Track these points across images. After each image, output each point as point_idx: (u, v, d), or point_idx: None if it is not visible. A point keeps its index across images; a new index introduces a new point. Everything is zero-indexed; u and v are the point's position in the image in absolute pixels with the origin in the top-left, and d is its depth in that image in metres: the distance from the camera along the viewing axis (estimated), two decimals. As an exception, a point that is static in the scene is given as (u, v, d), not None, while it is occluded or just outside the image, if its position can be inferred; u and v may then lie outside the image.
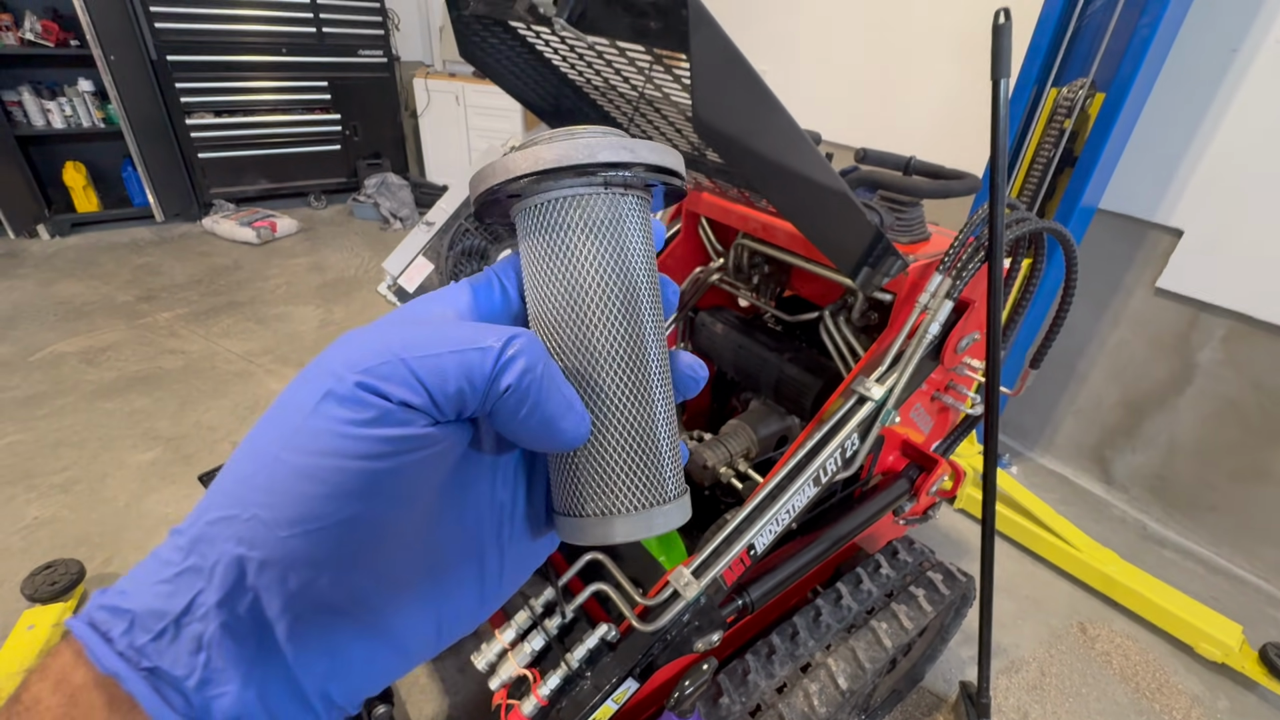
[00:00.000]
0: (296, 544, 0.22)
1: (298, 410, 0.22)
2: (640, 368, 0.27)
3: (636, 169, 0.27)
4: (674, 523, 0.28)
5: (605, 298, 0.26)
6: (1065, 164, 1.68)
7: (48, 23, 3.35)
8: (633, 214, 0.28)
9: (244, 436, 0.24)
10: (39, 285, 3.08)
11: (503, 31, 0.95)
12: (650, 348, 0.27)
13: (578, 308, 0.27)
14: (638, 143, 0.27)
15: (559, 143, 0.26)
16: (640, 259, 0.27)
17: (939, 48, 2.23)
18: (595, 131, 0.27)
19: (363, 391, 0.22)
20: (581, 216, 0.27)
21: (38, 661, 0.23)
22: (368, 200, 4.15)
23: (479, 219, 0.30)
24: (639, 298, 0.27)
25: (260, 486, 0.21)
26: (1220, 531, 1.88)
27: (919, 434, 1.25)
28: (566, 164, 0.25)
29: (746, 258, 1.33)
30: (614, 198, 0.27)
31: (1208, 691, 1.50)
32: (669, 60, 0.74)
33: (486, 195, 0.27)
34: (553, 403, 0.25)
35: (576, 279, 0.27)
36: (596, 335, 0.27)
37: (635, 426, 0.27)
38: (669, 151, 0.28)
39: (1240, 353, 1.73)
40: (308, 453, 0.21)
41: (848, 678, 1.05)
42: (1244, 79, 1.58)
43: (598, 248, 0.27)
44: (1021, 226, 0.97)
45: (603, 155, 0.26)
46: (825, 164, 0.76)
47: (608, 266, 0.27)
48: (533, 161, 0.26)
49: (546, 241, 0.27)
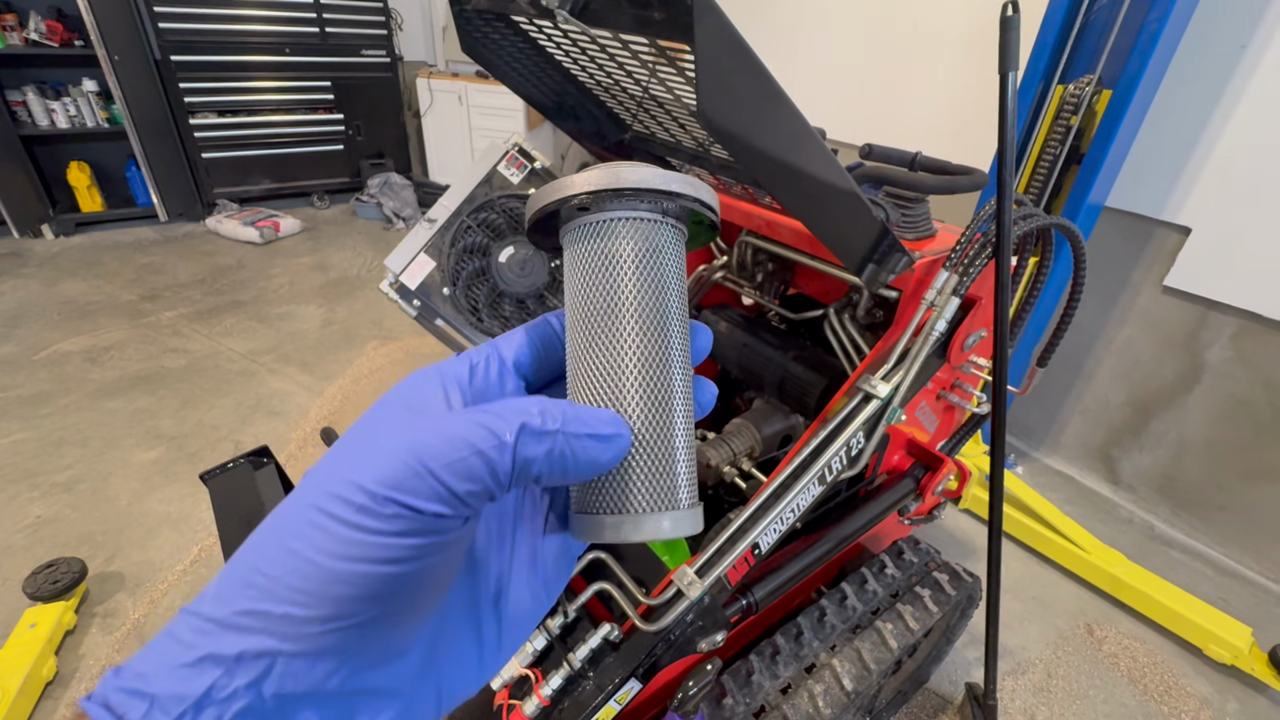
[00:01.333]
0: (327, 639, 0.23)
1: (329, 519, 0.23)
2: (665, 378, 0.29)
3: (688, 201, 0.30)
4: (684, 530, 0.30)
5: (641, 309, 0.29)
6: (1072, 161, 1.67)
7: (52, 23, 3.36)
8: (672, 243, 0.31)
9: (260, 525, 0.25)
10: (43, 284, 3.09)
11: (505, 26, 0.94)
12: (675, 363, 0.30)
13: (616, 317, 0.29)
14: (692, 180, 0.30)
15: (629, 170, 0.29)
16: (674, 281, 0.30)
17: (944, 42, 2.22)
18: (643, 167, 0.29)
19: (396, 507, 0.23)
20: (632, 236, 0.29)
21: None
22: (370, 200, 4.15)
23: (528, 235, 0.33)
24: (670, 315, 0.30)
25: (294, 587, 0.23)
26: (1229, 532, 1.86)
27: (924, 433, 1.24)
28: (641, 186, 0.28)
29: (750, 255, 1.32)
30: (661, 226, 0.30)
31: (1217, 694, 1.49)
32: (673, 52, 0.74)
33: (552, 207, 0.30)
34: (587, 450, 0.27)
35: (619, 290, 0.29)
36: (629, 344, 0.29)
37: (656, 432, 0.29)
38: (713, 193, 0.32)
39: (1250, 351, 1.72)
40: (343, 559, 0.23)
41: (853, 679, 1.04)
42: (1253, 75, 1.57)
43: (642, 265, 0.29)
44: (1029, 223, 0.96)
45: (672, 185, 0.29)
46: (832, 159, 0.75)
47: (648, 282, 0.29)
48: (611, 179, 0.28)
49: (597, 253, 0.30)
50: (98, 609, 1.54)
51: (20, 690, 1.28)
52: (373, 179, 4.18)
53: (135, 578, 1.62)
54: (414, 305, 1.28)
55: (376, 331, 2.85)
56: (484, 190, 1.28)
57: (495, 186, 1.28)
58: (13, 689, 1.28)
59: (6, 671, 1.30)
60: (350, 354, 2.66)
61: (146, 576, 1.62)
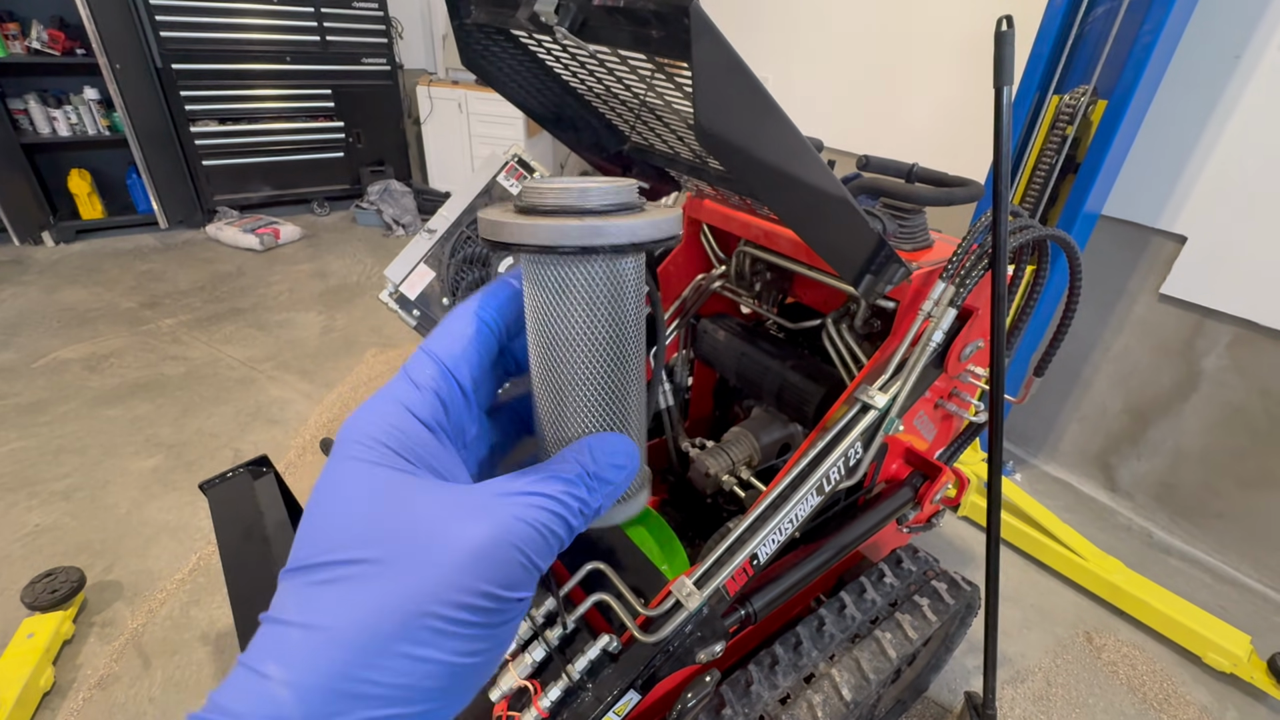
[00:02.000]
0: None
1: (455, 624, 0.24)
2: (623, 399, 0.32)
3: (634, 247, 0.30)
4: (629, 514, 0.34)
5: (596, 339, 0.31)
6: (1067, 170, 1.68)
7: (54, 32, 3.37)
8: (628, 271, 0.31)
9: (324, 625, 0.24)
10: (43, 292, 3.09)
11: (504, 40, 0.95)
12: (632, 384, 0.33)
13: (571, 347, 0.31)
14: (639, 222, 0.29)
15: (560, 222, 0.28)
16: (631, 307, 0.32)
17: (941, 55, 2.23)
18: (607, 190, 0.30)
19: (513, 600, 0.26)
20: (583, 274, 0.30)
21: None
22: (370, 207, 4.16)
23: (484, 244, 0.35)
24: (627, 344, 0.32)
25: (426, 689, 0.24)
26: (1228, 539, 1.86)
27: (922, 441, 1.25)
28: (567, 245, 0.28)
29: (748, 265, 1.32)
30: (612, 261, 0.30)
31: (1216, 702, 1.48)
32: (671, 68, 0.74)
33: (494, 245, 0.31)
34: (613, 494, 0.31)
35: (572, 323, 0.30)
36: (586, 376, 0.31)
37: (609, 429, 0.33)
38: (668, 219, 0.31)
39: (1246, 359, 1.72)
40: (470, 655, 0.25)
41: (851, 688, 1.04)
42: (1247, 85, 1.58)
43: (596, 306, 0.30)
44: (1025, 234, 0.97)
45: (603, 238, 0.29)
46: (828, 171, 0.75)
47: (602, 321, 0.31)
48: (534, 235, 0.28)
49: (547, 290, 0.30)
50: (96, 618, 1.54)
51: (18, 701, 1.28)
52: (373, 186, 4.20)
53: (134, 587, 1.62)
54: (414, 315, 1.28)
55: (376, 339, 2.85)
56: (484, 201, 1.29)
57: (495, 197, 1.29)
58: (10, 700, 1.27)
59: (3, 682, 1.30)
60: (350, 361, 2.66)
61: (145, 586, 1.62)
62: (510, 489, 0.27)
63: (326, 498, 0.26)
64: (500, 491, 0.27)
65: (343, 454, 0.27)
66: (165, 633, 1.50)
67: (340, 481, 0.26)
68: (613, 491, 0.30)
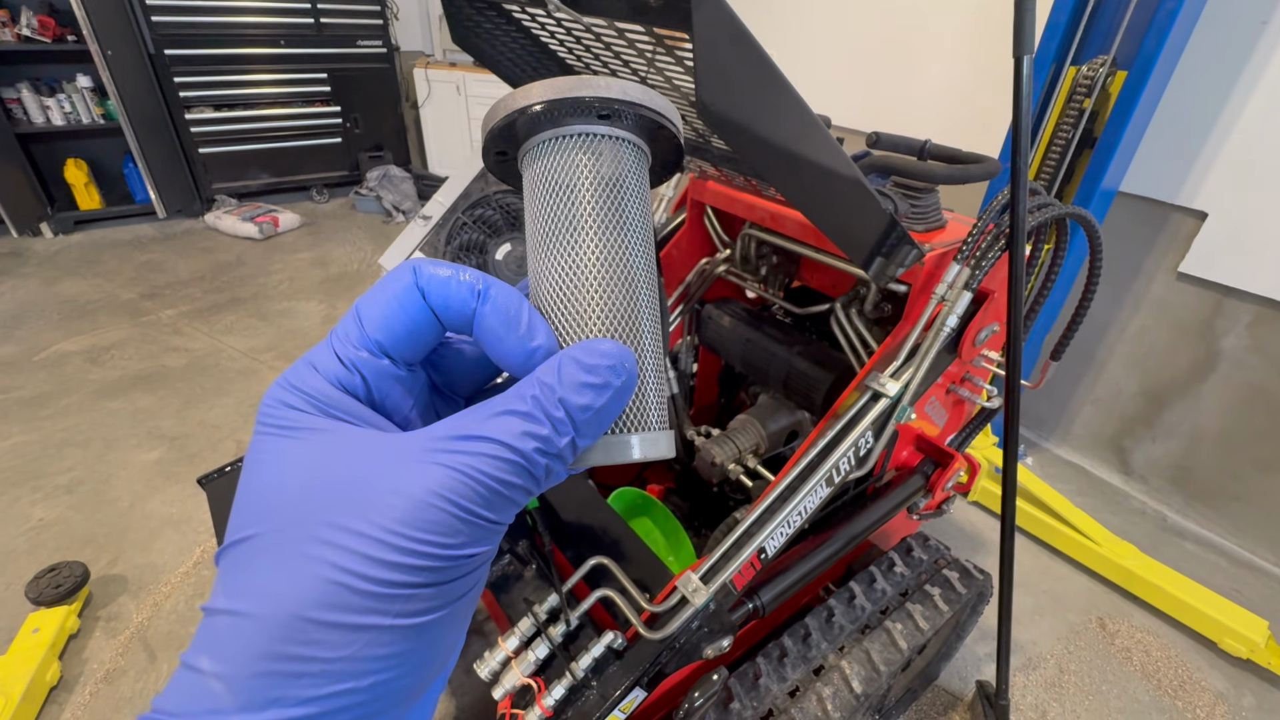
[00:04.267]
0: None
1: (367, 580, 0.22)
2: (630, 300, 0.28)
3: (645, 111, 0.29)
4: (654, 451, 0.29)
5: (598, 221, 0.28)
6: (1085, 145, 1.62)
7: (44, 18, 3.32)
8: (633, 161, 0.30)
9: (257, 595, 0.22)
10: (42, 284, 3.08)
11: (496, 15, 0.91)
12: (641, 287, 0.29)
13: (573, 230, 0.28)
14: (650, 91, 0.29)
15: (576, 80, 0.28)
16: (636, 202, 0.29)
17: (954, 24, 2.16)
18: (593, 78, 0.29)
19: (436, 557, 0.23)
20: (588, 151, 0.28)
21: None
22: (370, 193, 4.11)
23: (487, 166, 0.32)
24: (630, 231, 0.29)
25: (345, 658, 0.22)
26: (1244, 523, 1.83)
27: (934, 428, 1.21)
28: (574, 95, 0.27)
29: (754, 248, 1.28)
30: (620, 144, 0.29)
31: (1232, 688, 1.46)
32: (671, 41, 0.70)
33: (502, 125, 0.29)
34: (608, 407, 0.26)
35: (577, 210, 0.28)
36: (589, 266, 0.28)
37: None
38: (673, 108, 0.30)
39: (1267, 338, 1.68)
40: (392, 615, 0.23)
41: (862, 680, 1.02)
42: (1274, 52, 1.51)
43: (601, 182, 0.28)
44: (1044, 213, 0.93)
45: (627, 95, 0.28)
46: (837, 149, 0.71)
47: (607, 200, 0.28)
48: (557, 88, 0.27)
49: (551, 170, 0.28)
50: (101, 613, 1.53)
51: (24, 696, 1.28)
52: (372, 172, 4.15)
53: (138, 581, 1.61)
54: (411, 304, 1.25)
55: (377, 327, 2.82)
56: (479, 186, 1.25)
57: (491, 182, 1.25)
58: (16, 695, 1.27)
59: (10, 677, 1.30)
60: (351, 350, 2.64)
61: (149, 579, 1.62)
62: (445, 432, 0.24)
63: (246, 473, 0.25)
64: (432, 437, 0.24)
65: (258, 426, 0.26)
66: (170, 626, 1.50)
67: (257, 454, 0.25)
68: (594, 418, 0.25)
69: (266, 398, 0.26)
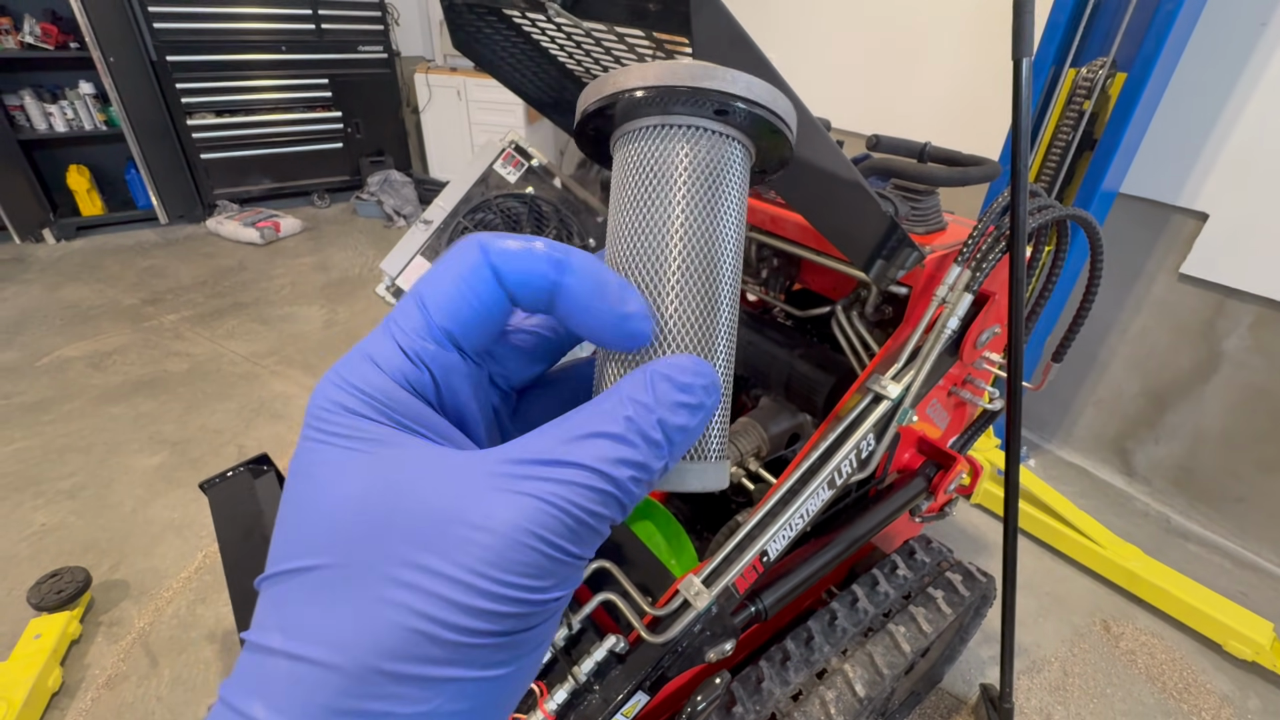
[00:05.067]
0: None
1: (447, 628, 0.20)
2: (711, 316, 0.26)
3: (762, 110, 0.26)
4: (709, 484, 0.27)
5: (691, 229, 0.26)
6: (1085, 147, 1.62)
7: (47, 25, 3.34)
8: (738, 163, 0.27)
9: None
10: (45, 290, 3.09)
11: (497, 20, 0.91)
12: (723, 300, 0.27)
13: (664, 234, 0.26)
14: (770, 88, 0.26)
15: (694, 66, 0.25)
16: (734, 212, 0.27)
17: (953, 27, 2.16)
18: (710, 66, 0.26)
19: (522, 601, 0.21)
20: (689, 147, 0.26)
21: None
22: (371, 198, 4.12)
23: (577, 142, 0.29)
24: (724, 242, 0.27)
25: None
26: (1248, 524, 1.82)
27: (935, 430, 1.21)
28: (707, 86, 0.25)
29: (754, 250, 1.28)
30: (726, 142, 0.26)
31: (1238, 691, 1.46)
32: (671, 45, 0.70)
33: (601, 103, 0.26)
34: (687, 429, 0.24)
35: (668, 205, 0.26)
36: (672, 276, 0.26)
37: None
38: (790, 108, 0.27)
39: (1269, 340, 1.67)
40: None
41: (865, 684, 1.02)
42: (1274, 53, 1.51)
43: (698, 185, 0.26)
44: (1045, 214, 0.93)
45: (749, 90, 0.25)
46: (838, 152, 0.71)
47: (701, 202, 0.26)
48: (672, 74, 0.25)
49: (644, 166, 0.26)
50: (103, 618, 1.53)
51: (26, 702, 1.28)
52: (373, 177, 4.16)
53: (140, 586, 1.61)
54: (412, 308, 1.25)
55: (379, 331, 2.83)
56: (480, 190, 1.25)
57: (492, 186, 1.26)
58: (18, 701, 1.27)
59: (12, 683, 1.30)
60: (352, 355, 2.64)
61: (151, 584, 1.61)
62: (528, 454, 0.21)
63: (298, 487, 0.22)
64: (514, 460, 0.21)
65: (309, 431, 0.23)
66: (172, 631, 1.50)
67: (309, 465, 0.22)
68: (684, 439, 0.23)
69: (319, 398, 0.23)
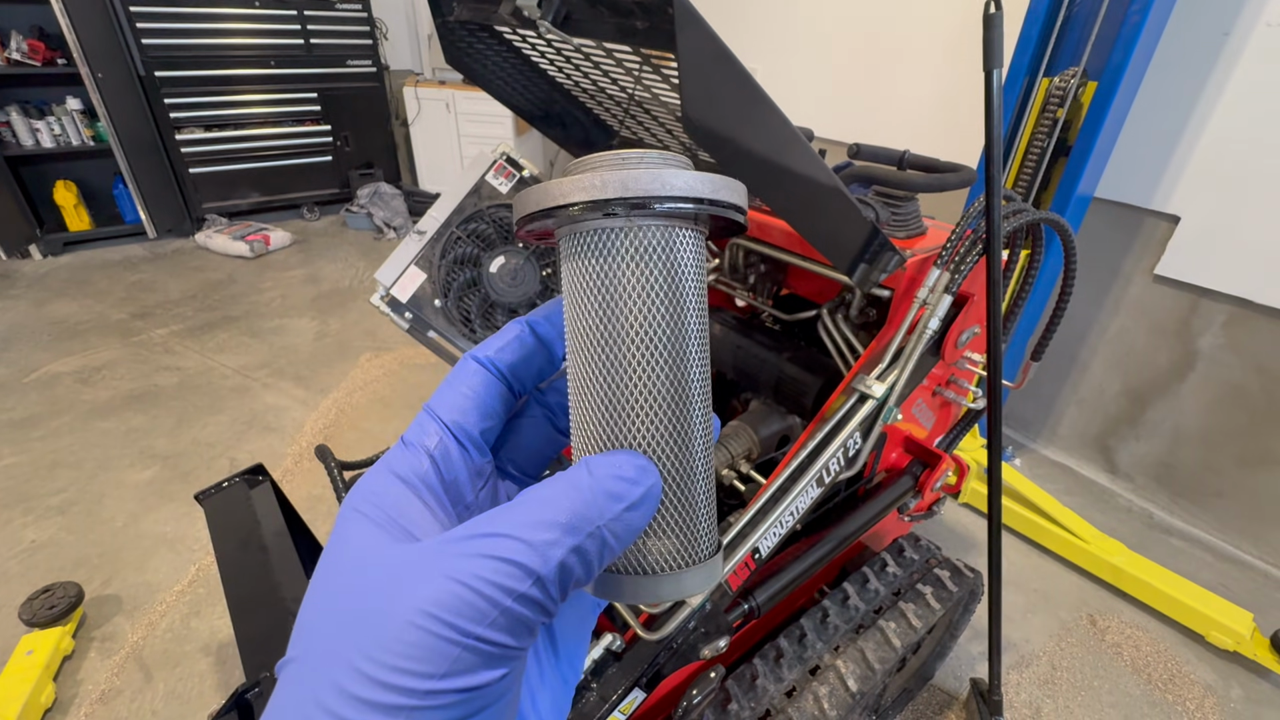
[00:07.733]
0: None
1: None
2: (683, 418, 0.25)
3: (702, 204, 0.24)
4: (704, 585, 0.26)
5: (652, 339, 0.24)
6: (1059, 153, 1.68)
7: (34, 42, 3.33)
8: (687, 249, 0.25)
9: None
10: (32, 305, 3.07)
11: (488, 37, 0.94)
12: (694, 396, 0.25)
13: (621, 348, 0.24)
14: (705, 178, 0.25)
15: (617, 170, 0.24)
16: (692, 299, 0.25)
17: (931, 39, 2.22)
18: (655, 159, 0.25)
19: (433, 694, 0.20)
20: (634, 247, 0.24)
21: None
22: (361, 210, 4.14)
23: (518, 230, 0.28)
24: (687, 340, 0.25)
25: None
26: (1228, 518, 1.87)
27: (921, 429, 1.24)
28: (628, 196, 0.23)
29: (742, 257, 1.31)
30: (670, 230, 0.25)
31: (1220, 680, 1.49)
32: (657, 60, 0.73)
33: (535, 217, 0.25)
34: (626, 525, 0.23)
35: (622, 316, 0.24)
36: (638, 378, 0.24)
37: (674, 482, 0.25)
38: (736, 186, 0.26)
39: (1242, 338, 1.72)
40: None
41: (857, 679, 1.04)
42: (1237, 62, 1.57)
43: (649, 283, 0.24)
44: (1019, 218, 0.96)
45: (669, 188, 0.24)
46: (819, 161, 0.75)
47: (658, 304, 0.24)
48: (588, 189, 0.23)
49: (593, 271, 0.25)
50: (96, 633, 1.52)
51: (19, 718, 1.27)
52: (362, 189, 4.17)
53: (133, 600, 1.60)
54: (406, 318, 1.27)
55: (370, 343, 2.84)
56: (473, 201, 1.28)
57: (484, 196, 1.28)
58: (11, 717, 1.26)
59: (4, 700, 1.29)
60: (344, 366, 2.65)
61: (144, 599, 1.61)
62: (464, 532, 0.22)
63: (318, 573, 0.23)
64: (449, 538, 0.21)
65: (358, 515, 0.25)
66: (166, 645, 1.49)
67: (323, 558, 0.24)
68: (621, 530, 0.23)
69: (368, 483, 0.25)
